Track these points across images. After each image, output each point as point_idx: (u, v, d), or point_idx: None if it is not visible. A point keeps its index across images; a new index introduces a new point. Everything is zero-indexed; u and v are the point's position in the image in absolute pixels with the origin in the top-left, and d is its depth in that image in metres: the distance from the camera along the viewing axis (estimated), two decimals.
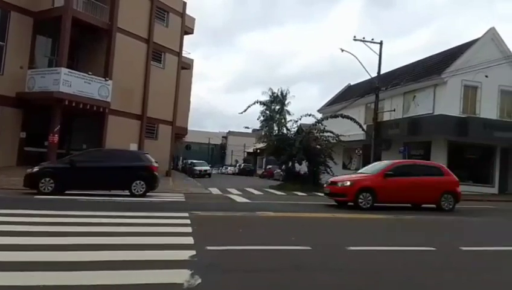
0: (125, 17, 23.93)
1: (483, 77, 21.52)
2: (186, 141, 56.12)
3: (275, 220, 9.60)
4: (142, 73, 25.74)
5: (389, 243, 6.79)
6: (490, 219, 12.12)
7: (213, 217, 9.42)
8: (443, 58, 24.39)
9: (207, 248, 5.63)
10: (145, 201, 11.89)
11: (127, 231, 6.63)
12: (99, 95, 22.04)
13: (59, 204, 10.01)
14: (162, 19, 27.49)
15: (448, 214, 12.20)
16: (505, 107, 22.78)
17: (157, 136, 27.51)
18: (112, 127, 23.64)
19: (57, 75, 20.35)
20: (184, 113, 32.45)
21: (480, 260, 6.11)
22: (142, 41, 25.58)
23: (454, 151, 22.08)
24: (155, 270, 4.45)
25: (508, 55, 22.22)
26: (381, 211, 11.84)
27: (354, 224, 9.70)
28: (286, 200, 15.52)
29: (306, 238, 7.08)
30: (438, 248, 6.54)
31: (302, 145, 22.25)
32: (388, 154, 25.15)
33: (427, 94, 23.03)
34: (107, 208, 9.62)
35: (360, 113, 27.88)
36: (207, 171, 36.87)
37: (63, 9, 21.22)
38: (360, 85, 32.85)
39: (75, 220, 7.54)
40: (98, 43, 23.85)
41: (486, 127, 20.94)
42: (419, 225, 10.13)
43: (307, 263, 5.25)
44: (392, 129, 23.93)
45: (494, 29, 22.72)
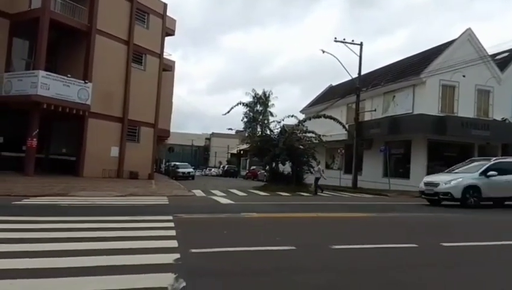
0: (104, 19, 23.62)
1: (461, 76, 22.06)
2: (169, 143, 55.69)
3: (259, 221, 9.60)
4: (122, 75, 25.44)
5: (372, 241, 6.87)
6: (469, 215, 12.38)
7: (197, 219, 9.36)
8: (422, 59, 24.89)
9: (191, 250, 5.59)
10: (128, 205, 11.74)
11: (109, 236, 6.52)
12: (78, 98, 21.69)
13: (39, 210, 9.79)
14: (143, 21, 27.23)
15: (428, 211, 12.43)
16: (482, 106, 23.39)
17: (138, 139, 27.20)
18: (93, 130, 23.30)
19: (35, 78, 19.96)
20: (166, 115, 32.16)
21: (460, 255, 6.24)
22: (122, 43, 25.29)
23: (434, 150, 22.56)
24: (139, 275, 4.39)
25: (484, 55, 22.81)
26: (365, 210, 11.96)
27: (337, 223, 9.79)
28: (270, 200, 15.55)
29: (290, 238, 7.11)
30: (419, 245, 6.66)
31: (285, 145, 22.35)
32: (369, 154, 25.53)
33: (407, 94, 23.45)
34: (90, 213, 9.46)
35: (342, 113, 28.19)
36: (190, 173, 36.68)
37: (40, 11, 20.84)
38: (341, 86, 33.22)
39: (56, 226, 7.39)
40: (77, 45, 23.47)
41: (464, 125, 21.45)
42: (400, 222, 10.29)
43: (292, 263, 5.28)
44: (373, 129, 24.28)
45: (471, 30, 23.30)
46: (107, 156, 24.33)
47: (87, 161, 23.06)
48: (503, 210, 13.86)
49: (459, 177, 14.05)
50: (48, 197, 12.68)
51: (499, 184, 13.73)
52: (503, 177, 13.82)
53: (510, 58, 24.62)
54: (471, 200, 13.47)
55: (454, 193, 13.58)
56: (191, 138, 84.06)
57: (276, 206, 13.12)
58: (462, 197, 13.47)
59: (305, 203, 14.29)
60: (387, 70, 28.35)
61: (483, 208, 13.67)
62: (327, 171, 29.09)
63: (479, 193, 13.58)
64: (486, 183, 13.65)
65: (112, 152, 24.96)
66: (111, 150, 24.87)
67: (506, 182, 13.88)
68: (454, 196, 13.60)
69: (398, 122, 22.54)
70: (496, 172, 13.74)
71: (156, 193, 16.37)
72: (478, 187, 13.58)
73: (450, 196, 13.71)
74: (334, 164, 30.38)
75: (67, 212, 9.54)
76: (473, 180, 13.74)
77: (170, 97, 34.64)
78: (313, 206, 13.27)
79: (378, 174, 24.43)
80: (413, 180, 21.99)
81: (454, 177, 14.18)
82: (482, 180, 13.69)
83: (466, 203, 13.40)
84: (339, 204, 14.82)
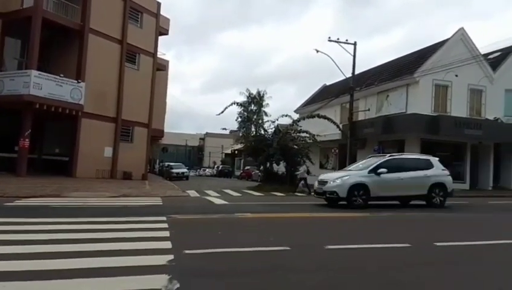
0: (97, 18, 23.48)
1: (454, 76, 22.20)
2: (163, 144, 55.49)
3: (253, 222, 9.60)
4: (116, 75, 25.30)
5: (366, 241, 6.89)
6: (462, 214, 12.47)
7: (191, 220, 9.34)
8: (415, 58, 25.01)
9: (185, 251, 5.57)
10: (121, 206, 11.68)
11: (101, 237, 6.48)
12: (71, 98, 21.54)
13: (31, 211, 9.71)
14: (136, 20, 27.10)
15: (421, 211, 12.49)
16: (474, 105, 23.55)
17: (132, 139, 27.07)
18: (86, 130, 23.16)
19: (27, 77, 19.80)
20: (160, 115, 32.05)
21: (453, 254, 6.28)
22: (115, 42, 25.15)
23: (427, 149, 22.59)
24: (132, 277, 4.36)
25: (476, 54, 22.97)
26: (359, 209, 12.00)
27: (331, 223, 9.82)
28: (264, 201, 15.54)
29: (285, 238, 7.11)
30: (413, 244, 6.69)
31: (279, 145, 22.37)
32: (363, 153, 25.60)
33: (400, 93, 23.56)
34: (83, 214, 9.39)
35: (335, 113, 28.25)
36: (184, 174, 36.60)
37: (32, 10, 20.67)
38: (335, 85, 33.30)
39: (48, 228, 7.33)
40: (69, 44, 23.32)
41: (457, 124, 21.58)
42: (394, 222, 10.34)
43: (286, 264, 5.28)
44: (366, 128, 24.35)
45: (463, 30, 23.44)
46: (100, 157, 24.19)
47: (80, 162, 22.92)
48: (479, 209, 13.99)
49: (346, 175, 13.02)
50: (40, 198, 12.58)
51: (390, 182, 12.66)
52: (395, 175, 12.75)
53: (502, 58, 24.82)
54: (359, 199, 12.33)
55: (340, 191, 12.42)
56: (185, 138, 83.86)
57: (270, 207, 13.12)
58: (348, 197, 12.33)
59: (299, 203, 14.30)
60: (381, 69, 28.46)
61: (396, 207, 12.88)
62: (321, 171, 29.19)
63: (367, 191, 12.43)
64: (376, 181, 12.54)
65: (106, 152, 24.83)
66: (104, 150, 24.74)
67: (399, 180, 12.81)
68: (340, 195, 12.44)
69: (391, 121, 22.64)
70: (386, 169, 12.67)
71: (150, 194, 16.30)
72: (366, 185, 12.44)
73: (335, 195, 12.56)
74: (328, 164, 30.44)
75: (59, 213, 9.46)
76: (361, 178, 12.61)
77: (164, 97, 34.54)
78: (307, 206, 13.28)
79: None
80: None
81: (343, 175, 13.18)
82: (372, 178, 12.57)
83: (352, 203, 12.29)
84: None
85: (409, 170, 13.14)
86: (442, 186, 13.36)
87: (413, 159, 13.99)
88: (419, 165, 13.49)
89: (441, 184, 13.37)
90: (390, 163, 13.08)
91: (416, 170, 13.24)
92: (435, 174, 13.35)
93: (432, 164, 13.63)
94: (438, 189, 13.28)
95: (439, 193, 13.27)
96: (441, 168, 13.74)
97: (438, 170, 13.59)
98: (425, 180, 13.16)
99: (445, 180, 13.50)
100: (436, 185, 13.27)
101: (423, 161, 13.75)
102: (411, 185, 12.97)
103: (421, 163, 13.61)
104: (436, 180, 13.31)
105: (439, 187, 13.30)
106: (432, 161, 13.76)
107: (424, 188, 13.10)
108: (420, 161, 13.76)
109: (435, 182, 13.27)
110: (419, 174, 13.17)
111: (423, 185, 13.09)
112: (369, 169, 12.90)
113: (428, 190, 13.13)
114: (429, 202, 13.23)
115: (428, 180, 13.20)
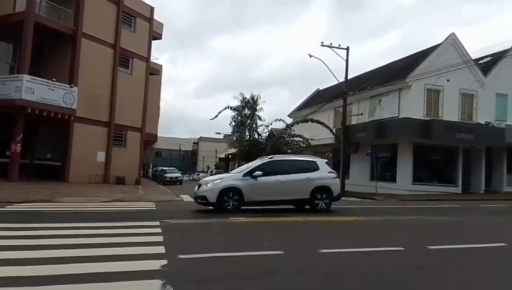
0: (90, 22, 23.41)
1: (445, 80, 22.43)
2: (156, 148, 55.28)
3: (247, 226, 9.59)
4: (109, 79, 25.20)
5: (360, 245, 6.92)
6: (454, 217, 12.56)
7: (185, 224, 9.31)
8: (407, 63, 25.23)
9: (179, 256, 5.56)
10: (114, 211, 11.61)
11: (94, 243, 6.44)
12: (64, 102, 21.41)
13: (23, 217, 9.61)
14: (129, 24, 27.05)
15: (413, 214, 12.56)
16: (466, 110, 23.79)
17: (125, 144, 26.93)
18: (78, 135, 23.01)
19: (19, 82, 19.65)
20: (153, 119, 31.94)
21: (446, 258, 6.32)
22: (108, 46, 25.07)
23: (420, 153, 22.85)
24: (126, 282, 4.34)
25: (467, 59, 23.24)
26: (352, 214, 12.04)
27: (325, 227, 9.84)
28: None
29: (279, 242, 7.11)
30: (406, 248, 6.72)
31: (273, 149, 22.41)
32: (356, 158, 25.74)
33: (392, 98, 23.74)
34: (76, 219, 9.32)
35: (329, 117, 28.38)
36: (178, 178, 36.50)
37: (24, 14, 20.55)
38: (328, 90, 33.46)
39: (40, 233, 7.27)
40: (62, 48, 23.20)
41: (449, 129, 21.78)
42: (387, 225, 10.39)
43: (280, 268, 5.28)
44: (359, 132, 24.49)
45: (454, 35, 23.72)
46: (93, 161, 24.04)
47: (73, 166, 22.75)
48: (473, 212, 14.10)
49: (219, 179, 12.27)
50: (32, 203, 12.46)
51: (266, 186, 11.78)
52: (273, 178, 11.88)
53: (493, 63, 25.12)
54: (230, 204, 11.44)
55: (210, 196, 11.52)
56: (179, 142, 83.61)
57: (264, 211, 13.08)
58: (218, 201, 11.41)
59: (293, 207, 14.27)
60: (373, 74, 28.67)
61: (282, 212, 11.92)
62: None
63: (240, 196, 11.58)
64: (251, 185, 11.66)
65: (98, 157, 24.67)
66: (97, 155, 24.58)
67: (277, 183, 11.87)
68: (209, 199, 11.53)
69: (384, 126, 22.79)
70: (261, 172, 11.80)
71: (143, 198, 16.22)
72: (239, 189, 11.58)
73: (205, 200, 11.65)
74: None
75: (52, 218, 9.38)
76: (234, 181, 11.76)
77: (157, 101, 34.44)
78: (300, 210, 13.27)
79: (365, 177, 24.64)
80: (400, 184, 22.27)
81: (215, 179, 12.47)
82: (246, 181, 11.69)
83: (223, 207, 11.36)
84: None
85: (291, 173, 12.21)
86: (326, 190, 12.39)
87: (297, 161, 12.99)
88: (303, 167, 12.54)
89: (325, 188, 12.39)
90: (269, 165, 12.25)
91: (300, 172, 12.30)
92: (319, 177, 12.39)
93: (318, 166, 12.69)
94: (322, 193, 12.32)
95: (323, 197, 12.32)
96: (327, 171, 12.83)
97: (324, 173, 12.64)
98: (307, 184, 12.18)
99: (330, 184, 12.50)
100: (320, 188, 12.31)
101: (308, 163, 12.84)
102: (291, 188, 12.01)
103: (305, 165, 12.68)
104: (320, 183, 12.32)
105: (323, 191, 12.34)
106: (318, 163, 12.85)
107: (306, 192, 12.14)
108: (305, 163, 12.83)
109: (318, 185, 12.28)
110: (301, 177, 12.21)
111: (305, 189, 12.13)
112: (244, 172, 12.11)
113: (310, 194, 12.18)
114: (312, 206, 12.28)
115: (311, 183, 12.22)
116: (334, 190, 12.58)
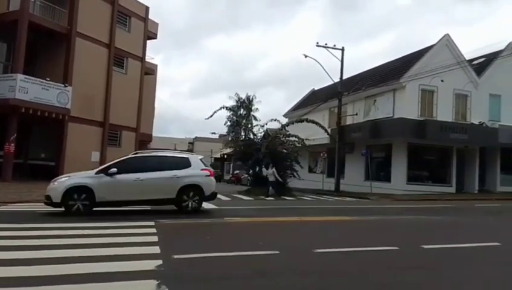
0: (85, 22, 23.30)
1: (439, 81, 22.53)
2: (151, 148, 55.05)
3: (242, 226, 9.60)
4: (103, 79, 25.10)
5: (354, 244, 6.94)
6: (448, 217, 12.64)
7: (180, 224, 9.29)
8: (402, 64, 25.34)
9: (174, 256, 5.55)
10: (108, 211, 11.55)
11: (89, 243, 6.42)
12: (58, 102, 21.30)
13: (16, 217, 9.55)
14: (124, 24, 26.96)
15: (408, 214, 12.60)
16: (460, 110, 23.91)
17: (120, 144, 26.84)
18: (73, 134, 22.89)
19: (13, 81, 19.52)
20: (148, 119, 31.86)
21: (441, 257, 6.36)
22: (103, 46, 24.97)
23: (414, 153, 22.94)
24: (120, 282, 4.33)
25: (461, 60, 23.38)
26: (347, 214, 12.06)
27: (320, 227, 9.86)
28: (253, 205, 15.54)
29: (274, 242, 7.12)
30: (400, 247, 6.76)
31: (268, 149, 22.39)
32: (351, 158, 25.81)
33: (387, 98, 23.82)
34: (70, 219, 9.28)
35: (324, 117, 28.42)
36: None
37: (18, 13, 20.42)
38: (323, 90, 33.52)
39: (34, 233, 7.23)
40: (56, 48, 23.07)
41: (443, 129, 21.87)
42: (382, 225, 10.43)
43: (275, 268, 5.29)
44: (354, 133, 24.55)
45: (448, 36, 23.85)
46: (87, 161, 23.88)
47: (67, 166, 22.58)
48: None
49: (67, 176, 10.85)
50: (26, 203, 12.39)
51: (124, 184, 10.54)
52: (132, 176, 10.60)
53: (486, 64, 25.28)
54: (79, 205, 10.04)
55: (54, 196, 10.06)
56: (174, 142, 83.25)
57: (259, 211, 13.13)
58: (63, 202, 9.99)
59: (288, 207, 14.33)
60: (368, 74, 28.75)
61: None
62: (310, 175, 29.33)
63: (91, 195, 10.24)
64: (105, 183, 10.36)
65: (93, 157, 24.56)
66: (92, 155, 24.47)
67: (137, 182, 10.60)
68: (53, 199, 10.05)
69: (379, 126, 22.86)
70: (116, 169, 10.51)
71: None
72: (90, 188, 10.24)
73: (50, 199, 10.17)
74: (317, 168, 30.58)
75: (46, 219, 9.33)
76: (84, 179, 10.41)
77: (152, 101, 34.34)
78: (295, 210, 13.32)
79: (360, 177, 24.71)
80: (395, 184, 22.36)
81: (64, 176, 11.04)
82: (100, 179, 10.38)
83: (69, 209, 9.99)
84: (321, 208, 14.92)
85: (156, 170, 10.98)
86: (197, 189, 11.25)
87: (164, 158, 11.76)
88: (171, 164, 11.30)
89: (195, 186, 11.23)
90: (129, 162, 11.04)
91: (167, 169, 11.05)
92: (189, 175, 11.19)
93: (190, 163, 11.47)
94: (191, 192, 11.17)
95: (192, 196, 11.17)
96: (199, 168, 11.58)
97: (195, 170, 11.41)
98: (174, 182, 10.96)
99: (201, 182, 11.34)
100: (189, 187, 11.16)
101: (178, 160, 11.62)
102: (153, 187, 10.81)
103: (174, 162, 11.45)
104: (189, 181, 11.14)
105: (192, 190, 11.19)
106: (190, 160, 11.61)
107: (171, 191, 10.96)
108: (174, 160, 11.62)
109: (188, 183, 11.11)
110: (166, 174, 10.95)
111: (170, 188, 10.94)
112: (97, 169, 10.92)
113: (178, 193, 11.01)
114: (180, 207, 11.19)
115: (179, 181, 11.00)
116: (206, 188, 11.40)
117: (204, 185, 11.39)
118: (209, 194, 11.62)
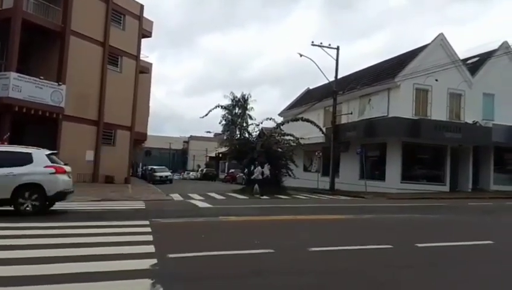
0: (79, 20, 23.16)
1: (434, 80, 22.64)
2: (146, 147, 54.97)
3: (238, 225, 9.60)
4: (98, 77, 24.98)
5: (349, 243, 6.97)
6: (442, 216, 12.71)
7: (175, 224, 9.29)
8: (396, 63, 25.44)
9: (169, 255, 5.54)
10: (103, 210, 11.52)
11: (85, 242, 6.40)
12: (52, 101, 21.16)
13: (10, 217, 9.49)
14: (119, 22, 26.83)
15: (402, 212, 12.67)
16: (454, 109, 24.05)
17: (114, 143, 26.73)
18: (67, 133, 22.75)
19: (6, 80, 19.36)
20: (143, 118, 31.76)
21: (435, 256, 6.40)
22: (97, 44, 24.85)
23: (409, 152, 23.06)
24: (115, 281, 4.32)
25: (456, 59, 23.51)
26: (342, 212, 12.10)
27: (315, 225, 9.88)
28: (249, 204, 15.56)
29: (269, 241, 7.12)
30: (394, 246, 6.79)
31: (263, 148, 22.42)
32: (346, 156, 25.89)
33: (382, 97, 23.91)
34: (65, 218, 9.24)
35: (319, 116, 28.48)
36: (168, 177, 36.33)
37: (12, 11, 20.25)
38: (318, 89, 33.59)
39: (28, 233, 7.19)
40: (50, 46, 22.91)
41: (437, 128, 22.00)
42: (376, 223, 10.48)
43: (270, 266, 5.30)
44: (349, 132, 24.63)
45: (443, 35, 23.97)
46: (82, 160, 23.78)
47: None
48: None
49: None
50: None
51: None
52: None
53: (480, 63, 25.44)
54: None
55: None
56: (169, 141, 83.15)
57: (254, 209, 13.13)
58: None
59: (284, 206, 14.35)
60: (363, 73, 28.84)
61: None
62: (305, 173, 29.40)
63: None
64: None
65: (87, 156, 24.45)
66: (86, 154, 24.36)
67: None
68: None
69: (373, 125, 22.95)
70: None
71: (133, 198, 16.13)
72: None
73: None
74: (312, 167, 30.65)
75: (40, 218, 9.27)
76: None
77: (147, 100, 34.24)
78: (290, 209, 13.34)
79: (355, 176, 24.80)
80: (389, 182, 22.46)
81: None
82: None
83: None
84: (316, 206, 14.96)
85: None
86: (37, 188, 9.95)
87: (1, 153, 10.30)
88: (10, 160, 9.98)
89: (34, 185, 9.94)
90: None
91: (4, 166, 9.78)
92: (28, 173, 9.93)
93: (32, 159, 10.15)
94: (30, 192, 9.88)
95: (31, 197, 9.89)
96: (43, 165, 10.19)
97: (37, 167, 10.09)
98: (8, 180, 9.68)
99: (42, 180, 10.01)
100: (27, 186, 9.88)
101: (18, 156, 10.21)
102: None
103: (13, 158, 10.09)
104: (27, 180, 9.89)
105: (31, 189, 9.91)
106: (33, 156, 10.24)
107: (5, 191, 9.64)
108: (12, 155, 10.23)
109: (25, 182, 9.86)
110: (0, 172, 9.70)
111: (4, 187, 9.65)
112: None
113: (12, 193, 9.71)
114: (16, 209, 9.83)
115: (14, 180, 9.76)
116: (49, 187, 10.04)
117: (46, 184, 10.02)
118: (54, 193, 10.19)
